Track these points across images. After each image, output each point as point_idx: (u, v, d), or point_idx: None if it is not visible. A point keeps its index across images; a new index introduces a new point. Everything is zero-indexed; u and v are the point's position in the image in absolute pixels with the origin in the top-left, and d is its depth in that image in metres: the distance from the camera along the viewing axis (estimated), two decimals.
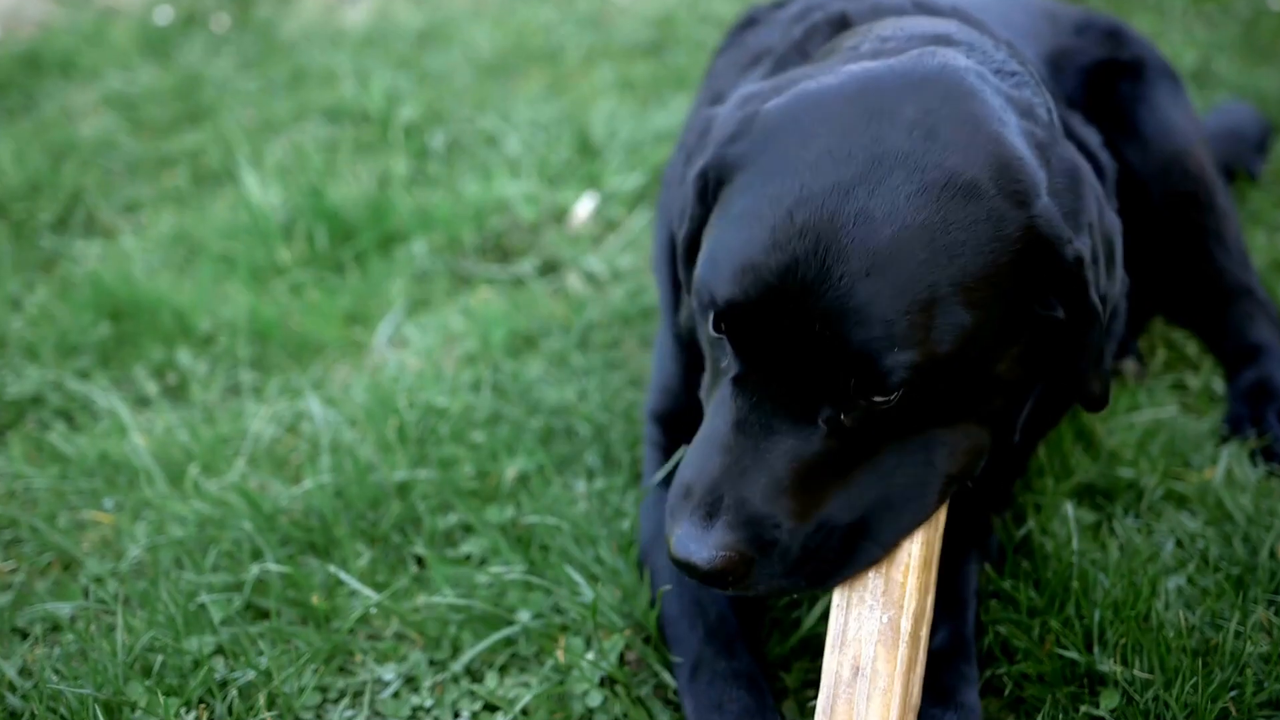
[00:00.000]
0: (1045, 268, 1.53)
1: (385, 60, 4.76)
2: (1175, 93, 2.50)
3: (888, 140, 1.49)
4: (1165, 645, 1.74)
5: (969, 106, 1.55)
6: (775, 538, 1.48)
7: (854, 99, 1.54)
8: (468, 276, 3.17)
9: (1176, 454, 2.24)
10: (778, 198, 1.49)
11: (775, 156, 1.54)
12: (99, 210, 3.65)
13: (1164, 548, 1.99)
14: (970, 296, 1.46)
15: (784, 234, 1.45)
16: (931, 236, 1.44)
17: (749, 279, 1.46)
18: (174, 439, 2.49)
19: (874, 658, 1.49)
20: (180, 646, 1.91)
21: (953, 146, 1.49)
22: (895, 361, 1.43)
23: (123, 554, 2.18)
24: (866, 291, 1.42)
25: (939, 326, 1.44)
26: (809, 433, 1.49)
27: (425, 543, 2.15)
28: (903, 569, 1.55)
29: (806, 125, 1.54)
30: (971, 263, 1.46)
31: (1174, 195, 2.42)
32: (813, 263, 1.43)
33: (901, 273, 1.43)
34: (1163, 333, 2.67)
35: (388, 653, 1.93)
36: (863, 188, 1.45)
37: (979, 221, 1.47)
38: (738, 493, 1.48)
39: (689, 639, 1.79)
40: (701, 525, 1.48)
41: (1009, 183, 1.51)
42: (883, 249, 1.43)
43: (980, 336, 1.49)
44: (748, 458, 1.49)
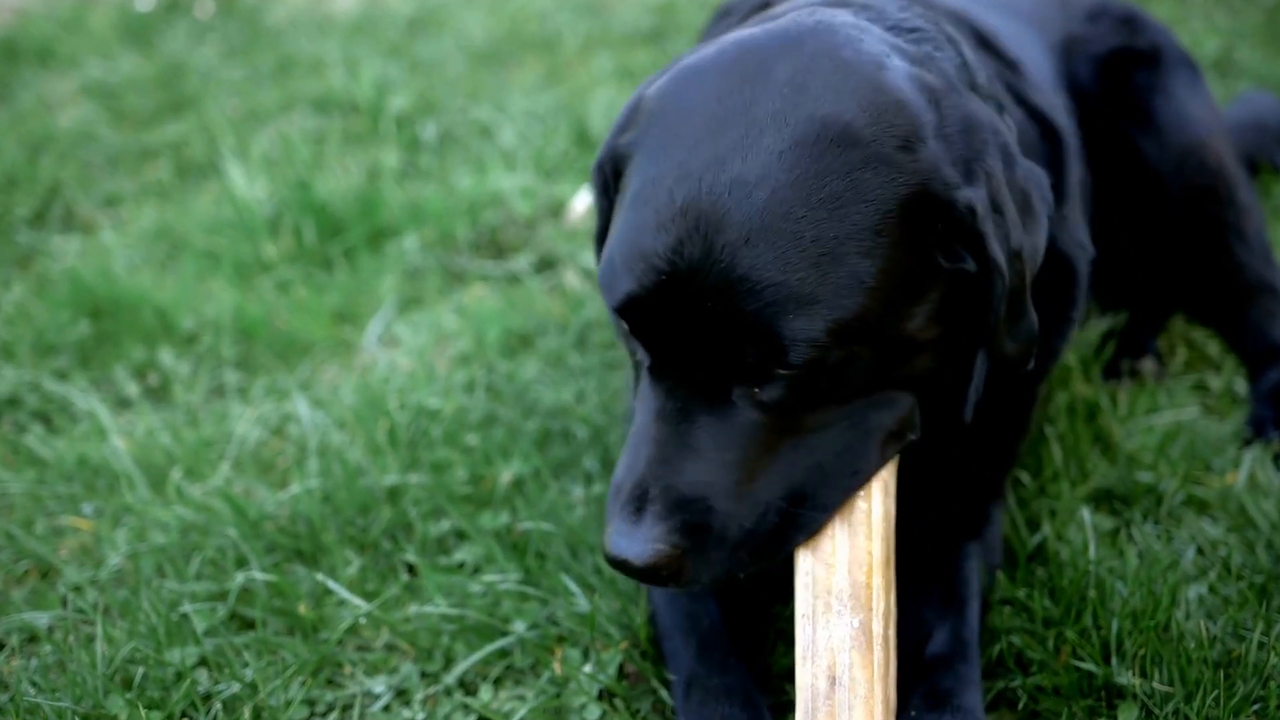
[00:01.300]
0: (939, 215, 1.52)
1: (375, 48, 4.76)
2: (1193, 82, 2.50)
3: (759, 102, 1.50)
4: (1186, 657, 1.74)
5: (841, 56, 1.55)
6: (707, 521, 1.50)
7: (729, 67, 1.56)
8: (461, 273, 3.17)
9: (1197, 458, 2.24)
10: (659, 180, 1.51)
11: (658, 138, 1.56)
12: (78, 204, 3.65)
13: (1184, 555, 1.99)
14: (861, 247, 1.47)
15: (667, 215, 1.48)
16: (808, 192, 1.45)
17: (639, 268, 1.49)
18: (156, 442, 2.49)
19: (850, 665, 1.49)
20: (162, 658, 1.91)
21: (823, 97, 1.50)
22: (794, 327, 1.44)
23: (102, 562, 2.18)
24: (749, 260, 1.43)
25: (833, 283, 1.45)
26: (726, 412, 1.51)
27: (417, 550, 2.14)
28: (865, 569, 1.55)
29: (684, 101, 1.56)
30: (856, 212, 1.47)
31: (1192, 189, 2.42)
32: (696, 240, 1.45)
33: (782, 234, 1.44)
34: (1183, 331, 2.67)
35: (378, 664, 1.93)
36: (735, 154, 1.47)
37: (856, 169, 1.47)
38: (663, 482, 1.50)
39: (682, 655, 1.79)
40: (630, 520, 1.50)
41: (888, 127, 1.50)
42: (758, 213, 1.44)
43: (881, 290, 1.48)
44: (670, 446, 1.51)
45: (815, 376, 1.49)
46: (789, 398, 1.51)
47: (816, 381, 1.50)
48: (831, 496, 1.58)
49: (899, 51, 1.62)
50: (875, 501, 1.60)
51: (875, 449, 1.60)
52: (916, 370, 1.60)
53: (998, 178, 1.59)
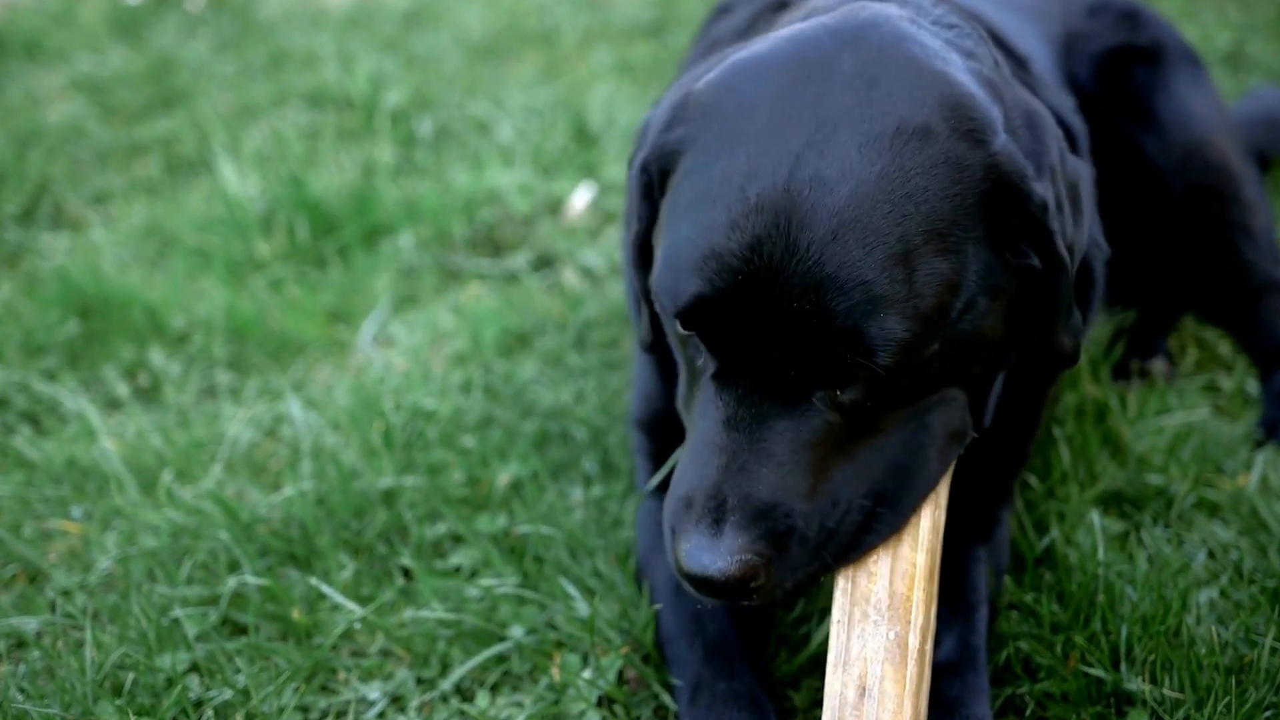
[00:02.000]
0: (1012, 210, 1.53)
1: (370, 42, 4.76)
2: (1196, 78, 2.50)
3: (829, 97, 1.49)
4: (1197, 663, 1.74)
5: (907, 50, 1.55)
6: (790, 525, 1.47)
7: (787, 61, 1.55)
8: (457, 271, 3.17)
9: (1208, 459, 2.24)
10: (727, 176, 1.49)
11: (717, 133, 1.54)
12: (66, 201, 3.65)
13: (1195, 559, 1.99)
14: (944, 244, 1.47)
15: (740, 213, 1.45)
16: (891, 187, 1.45)
17: (711, 268, 1.46)
18: (146, 443, 2.49)
19: (881, 677, 1.48)
20: (153, 664, 1.91)
21: (897, 92, 1.50)
22: (882, 327, 1.43)
23: (92, 566, 2.18)
24: (837, 257, 1.42)
25: (919, 280, 1.44)
26: (804, 414, 1.49)
27: (412, 554, 2.15)
28: (907, 580, 1.54)
29: (743, 95, 1.54)
30: (938, 208, 1.46)
31: (1195, 187, 2.42)
32: (776, 238, 1.43)
33: (868, 230, 1.43)
34: (1193, 331, 2.67)
35: (373, 670, 1.93)
36: (811, 150, 1.46)
37: (937, 165, 1.47)
38: (741, 490, 1.47)
39: (688, 659, 1.79)
40: (710, 533, 1.46)
41: (962, 121, 1.51)
42: (844, 209, 1.43)
43: (961, 287, 1.49)
44: (744, 453, 1.48)
45: (898, 377, 1.48)
46: (869, 399, 1.49)
47: (898, 382, 1.49)
48: (907, 498, 1.56)
49: (952, 46, 1.62)
50: (924, 512, 1.59)
51: (941, 450, 1.59)
52: (979, 370, 1.61)
53: (1059, 172, 1.60)
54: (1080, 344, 1.68)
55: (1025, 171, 1.52)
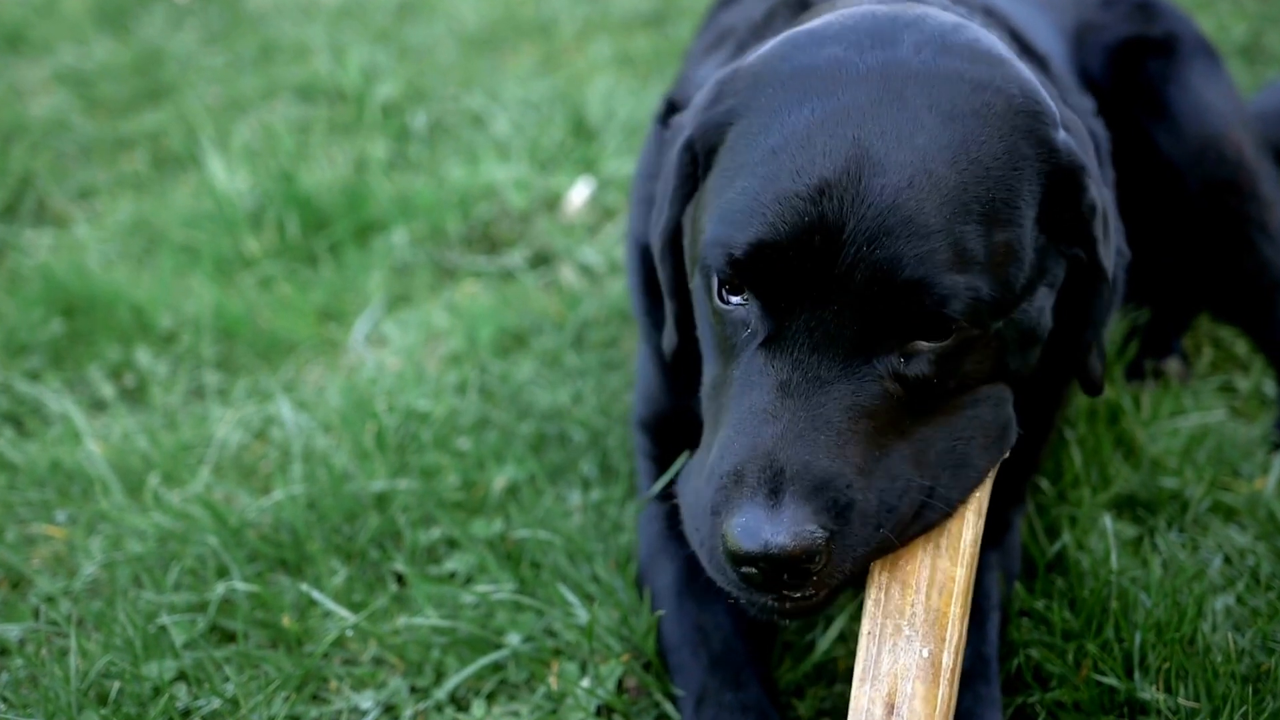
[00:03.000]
0: (1068, 202, 1.54)
1: (362, 33, 4.76)
2: (1211, 71, 2.50)
3: (896, 64, 1.50)
4: (1212, 671, 1.74)
5: (972, 34, 1.58)
6: (851, 499, 1.44)
7: (847, 34, 1.56)
8: (452, 269, 3.17)
9: (1224, 462, 2.24)
10: (791, 130, 1.48)
11: (776, 99, 1.54)
12: (50, 196, 3.65)
13: (1211, 564, 1.99)
14: (1012, 214, 1.48)
15: (806, 159, 1.45)
16: (965, 147, 1.46)
17: (774, 211, 1.44)
18: (132, 446, 2.49)
19: (911, 695, 1.45)
20: (139, 672, 1.91)
21: (964, 65, 1.51)
22: (954, 283, 1.42)
23: (76, 571, 2.18)
24: (913, 202, 1.42)
25: (991, 245, 1.45)
26: (864, 380, 1.46)
27: (406, 559, 2.15)
28: (945, 595, 1.51)
29: (802, 61, 1.55)
30: (1005, 179, 1.48)
31: (1211, 182, 2.42)
32: (846, 182, 1.42)
33: (941, 184, 1.43)
34: (1209, 330, 2.67)
35: (365, 679, 1.93)
36: (883, 104, 1.46)
37: (1006, 136, 1.49)
38: (800, 458, 1.42)
39: (692, 668, 1.78)
40: (767, 506, 1.40)
41: (1030, 103, 1.53)
42: (920, 159, 1.43)
43: (1028, 264, 1.50)
44: (802, 420, 1.44)
45: (960, 350, 1.48)
46: (932, 373, 1.48)
47: (961, 357, 1.49)
48: (958, 488, 1.54)
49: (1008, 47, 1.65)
50: (968, 524, 1.56)
51: (988, 446, 1.58)
52: (1026, 365, 1.61)
53: (1100, 184, 1.62)
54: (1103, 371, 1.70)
55: (1087, 166, 1.54)
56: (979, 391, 1.56)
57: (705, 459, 1.55)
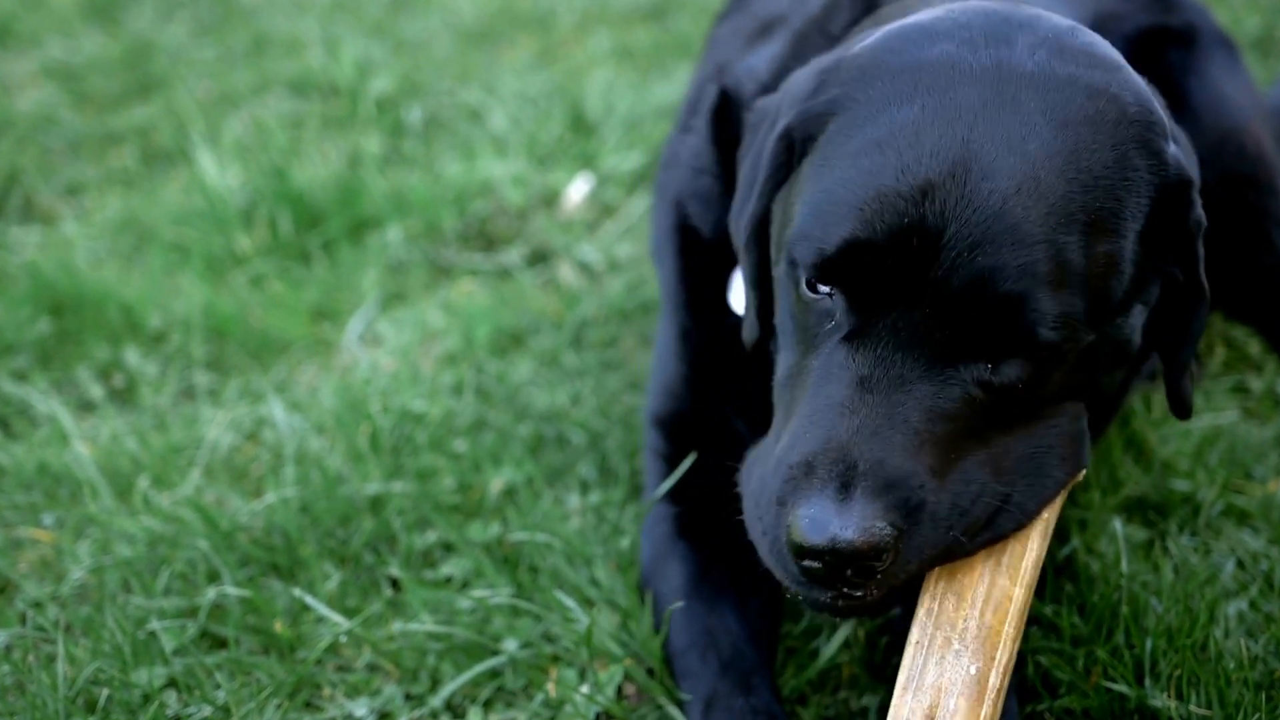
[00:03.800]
0: (1173, 219, 1.53)
1: (356, 26, 4.76)
2: (1231, 63, 2.50)
3: (1010, 65, 1.50)
4: (1225, 677, 1.74)
5: (1088, 38, 1.57)
6: (923, 499, 1.44)
7: (958, 31, 1.55)
8: (448, 267, 3.17)
9: (1237, 464, 2.24)
10: (898, 125, 1.48)
11: (884, 92, 1.53)
12: (38, 193, 3.65)
13: (1223, 569, 1.99)
14: (1118, 227, 1.48)
15: (912, 158, 1.45)
16: (1076, 156, 1.46)
17: (873, 209, 1.44)
18: (121, 447, 2.49)
19: (954, 711, 1.44)
20: (128, 679, 1.91)
21: (1081, 70, 1.51)
22: (1050, 301, 1.41)
23: (64, 576, 2.18)
24: (1020, 210, 1.41)
25: (1093, 257, 1.44)
26: (947, 382, 1.47)
27: (401, 564, 2.15)
28: (1000, 613, 1.50)
29: (911, 56, 1.54)
30: (1114, 191, 1.48)
31: (1229, 176, 2.42)
32: (951, 185, 1.42)
33: (1049, 193, 1.43)
34: (1221, 330, 2.67)
35: (359, 686, 1.93)
36: (993, 108, 1.46)
37: (1119, 146, 1.49)
38: (874, 454, 1.43)
39: (701, 673, 1.78)
40: (836, 499, 1.41)
41: (1144, 114, 1.53)
42: (1030, 165, 1.43)
43: (1127, 279, 1.50)
44: (879, 417, 1.45)
45: (1051, 363, 1.47)
46: (1020, 384, 1.48)
47: (1051, 369, 1.48)
48: (1034, 497, 1.54)
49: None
50: (1032, 543, 1.56)
51: (1066, 459, 1.58)
52: (1111, 384, 1.61)
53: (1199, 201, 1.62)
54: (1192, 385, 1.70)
55: (1194, 182, 1.54)
56: (1060, 407, 1.56)
57: (772, 447, 1.56)
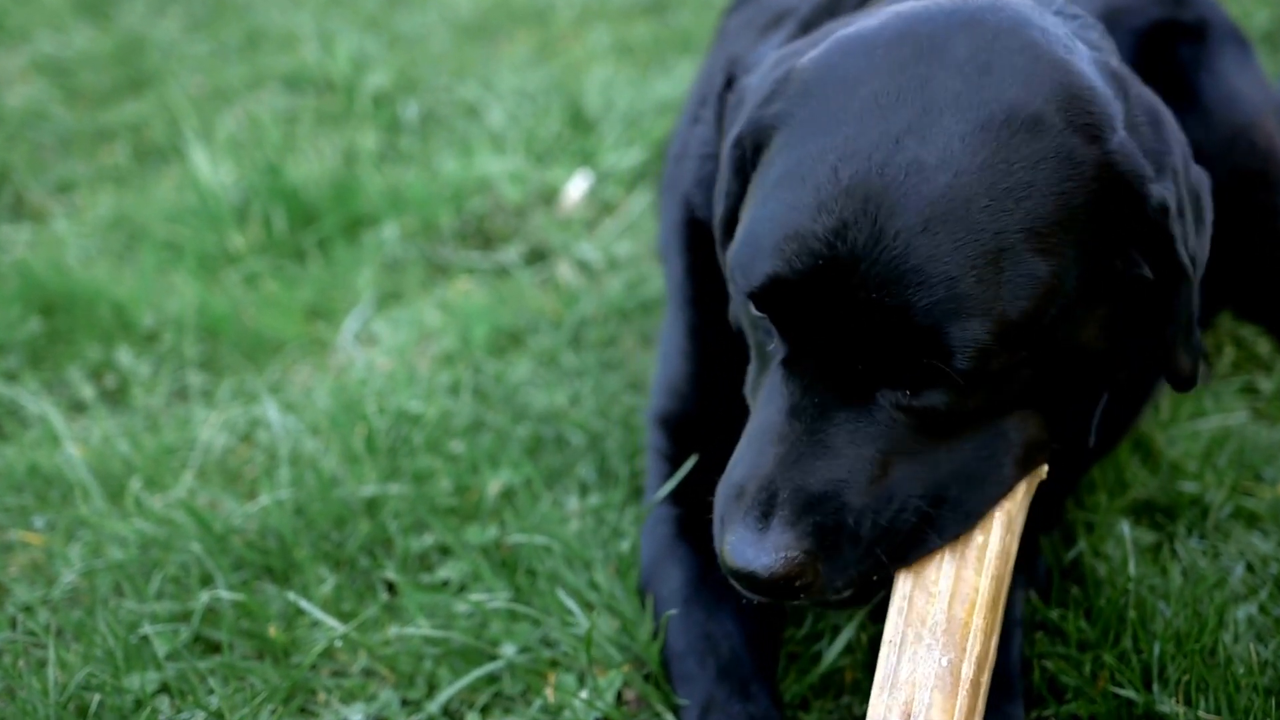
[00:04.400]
0: (1126, 213, 1.53)
1: (351, 20, 4.76)
2: (1243, 58, 2.50)
3: (938, 80, 1.50)
4: (1234, 683, 1.74)
5: (1028, 35, 1.56)
6: (840, 521, 1.49)
7: (898, 40, 1.56)
8: (445, 265, 3.17)
9: (1246, 466, 2.24)
10: (820, 155, 1.50)
11: (815, 111, 1.55)
12: (28, 190, 3.65)
13: (1233, 572, 1.99)
14: (1043, 244, 1.47)
15: (829, 194, 1.47)
16: (993, 179, 1.46)
17: (792, 249, 1.47)
18: (113, 449, 2.49)
19: (929, 705, 1.47)
20: (120, 684, 1.91)
21: (1010, 79, 1.51)
22: (963, 332, 1.43)
23: (55, 579, 2.18)
24: (925, 249, 1.43)
25: (1010, 281, 1.45)
26: (868, 412, 1.51)
27: (397, 567, 2.15)
28: (968, 605, 1.53)
29: (847, 73, 1.56)
30: (1041, 205, 1.47)
31: (1240, 173, 2.42)
32: (863, 223, 1.44)
33: (962, 223, 1.44)
34: (1230, 329, 2.67)
35: (355, 691, 1.93)
36: (913, 135, 1.47)
37: (1046, 159, 1.48)
38: (794, 482, 1.49)
39: (698, 678, 1.79)
40: (756, 527, 1.48)
41: (1079, 114, 1.52)
42: (939, 199, 1.44)
43: (1059, 293, 1.49)
44: (802, 445, 1.50)
45: (974, 386, 1.49)
46: (942, 407, 1.50)
47: (975, 391, 1.50)
48: (972, 502, 1.56)
49: (1077, 36, 1.63)
50: (994, 535, 1.58)
51: (1013, 465, 1.59)
52: (1070, 386, 1.61)
53: (1181, 176, 1.61)
54: (1198, 364, 1.68)
55: (1143, 172, 1.53)
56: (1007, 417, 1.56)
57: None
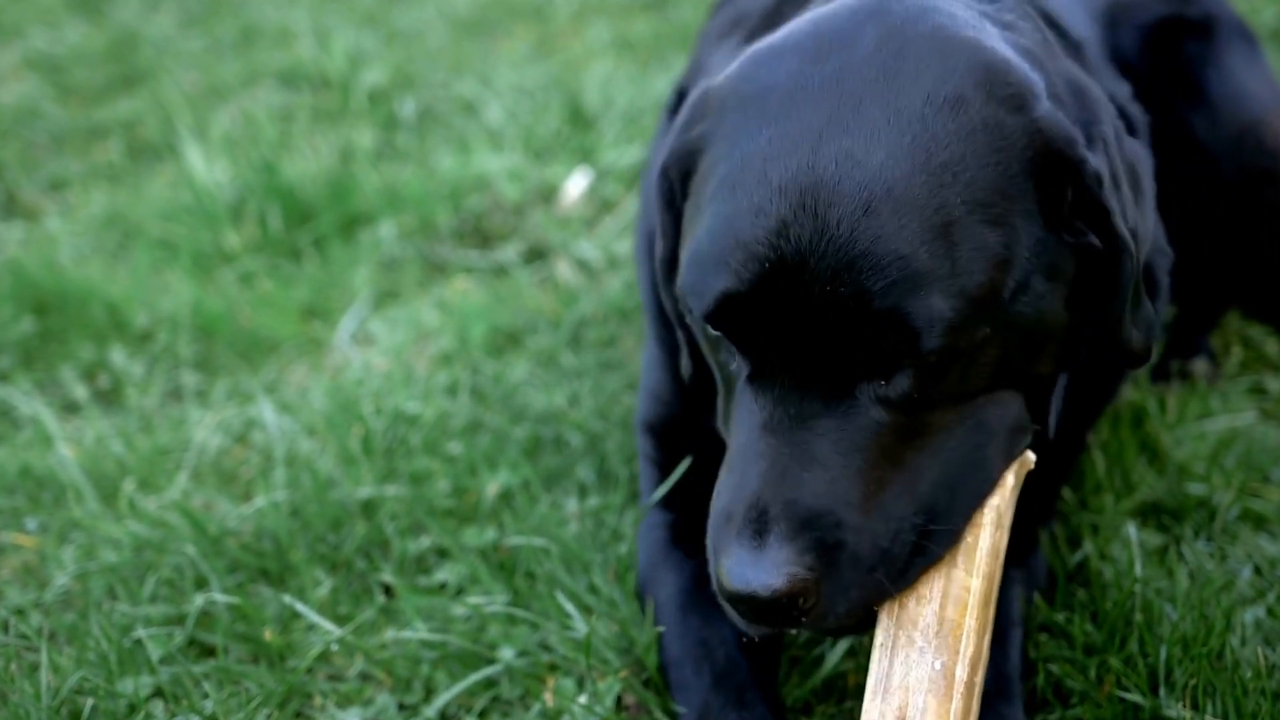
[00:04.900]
0: (1064, 180, 1.53)
1: (348, 16, 4.76)
2: (1250, 55, 2.50)
3: (852, 71, 1.51)
4: (1241, 687, 1.74)
5: (933, 20, 1.57)
6: (840, 538, 1.46)
7: (807, 41, 1.57)
8: (442, 264, 3.17)
9: (1254, 468, 2.24)
10: (746, 163, 1.50)
11: (736, 124, 1.56)
12: (20, 188, 3.65)
13: (1240, 575, 1.99)
14: (988, 214, 1.47)
15: (763, 198, 1.47)
16: (926, 156, 1.46)
17: (738, 260, 1.47)
18: (106, 450, 2.49)
19: (923, 709, 1.46)
20: (113, 688, 1.91)
21: (924, 61, 1.52)
22: (925, 306, 1.43)
23: (48, 582, 2.18)
24: (870, 231, 1.42)
25: (963, 254, 1.45)
26: (848, 415, 1.49)
27: (394, 569, 2.15)
28: (960, 606, 1.53)
29: (762, 83, 1.56)
30: (979, 176, 1.47)
31: (1248, 171, 2.42)
32: (803, 219, 1.44)
33: (903, 202, 1.44)
34: (1238, 329, 2.67)
35: (351, 695, 1.93)
36: (836, 126, 1.47)
37: (975, 131, 1.49)
38: (784, 497, 1.46)
39: (694, 685, 1.78)
40: (753, 545, 1.45)
41: (998, 87, 1.52)
42: (874, 181, 1.44)
43: (1013, 263, 1.49)
44: (786, 458, 1.48)
45: (946, 365, 1.48)
46: (917, 392, 1.49)
47: (947, 371, 1.49)
48: (961, 509, 1.56)
49: (987, 18, 1.64)
50: (984, 534, 1.57)
51: (997, 455, 1.59)
52: (1039, 364, 1.61)
53: (1113, 147, 1.61)
54: (1152, 341, 1.68)
55: (1073, 137, 1.53)
56: (978, 401, 1.56)
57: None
